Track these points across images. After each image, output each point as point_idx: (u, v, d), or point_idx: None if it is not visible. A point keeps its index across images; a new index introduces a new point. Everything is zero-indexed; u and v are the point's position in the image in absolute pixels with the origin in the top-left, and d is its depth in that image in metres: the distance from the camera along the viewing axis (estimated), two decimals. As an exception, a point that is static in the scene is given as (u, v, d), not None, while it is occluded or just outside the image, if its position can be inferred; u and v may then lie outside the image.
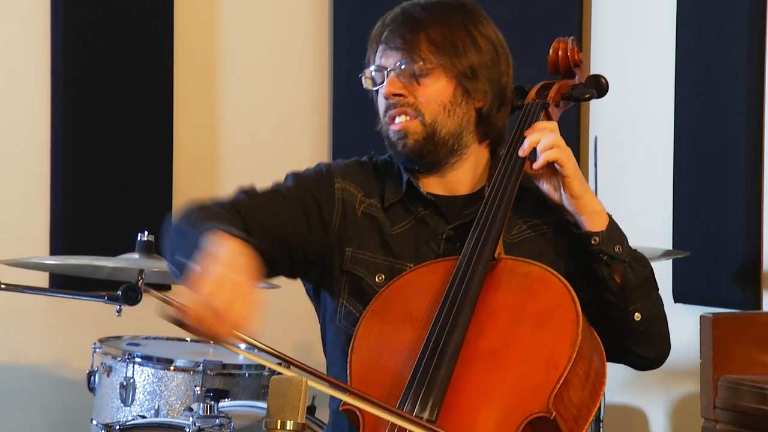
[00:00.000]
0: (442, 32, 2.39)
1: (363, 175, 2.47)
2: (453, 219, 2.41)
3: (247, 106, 4.44)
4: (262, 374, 3.41)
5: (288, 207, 2.39)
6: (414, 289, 2.29)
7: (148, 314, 3.81)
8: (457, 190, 2.44)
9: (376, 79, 2.43)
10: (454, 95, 2.39)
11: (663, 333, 2.40)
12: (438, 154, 2.41)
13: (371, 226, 2.41)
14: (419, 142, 2.39)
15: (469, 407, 2.14)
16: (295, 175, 2.46)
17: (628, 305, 2.34)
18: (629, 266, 2.34)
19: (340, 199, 2.42)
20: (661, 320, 2.39)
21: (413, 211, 2.42)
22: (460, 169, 2.44)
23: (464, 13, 2.43)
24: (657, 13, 4.13)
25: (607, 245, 2.32)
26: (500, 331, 2.20)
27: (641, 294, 2.35)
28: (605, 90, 2.49)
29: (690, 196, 4.00)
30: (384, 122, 2.43)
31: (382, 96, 2.42)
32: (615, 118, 4.26)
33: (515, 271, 2.27)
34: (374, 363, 2.23)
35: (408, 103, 2.39)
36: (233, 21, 4.40)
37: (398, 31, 2.39)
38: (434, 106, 2.39)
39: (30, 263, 3.53)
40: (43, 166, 4.12)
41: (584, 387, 2.16)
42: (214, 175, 4.39)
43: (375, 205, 2.43)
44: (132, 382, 3.38)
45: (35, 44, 4.12)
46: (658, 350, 2.41)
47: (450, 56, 2.38)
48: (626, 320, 2.34)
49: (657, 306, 2.38)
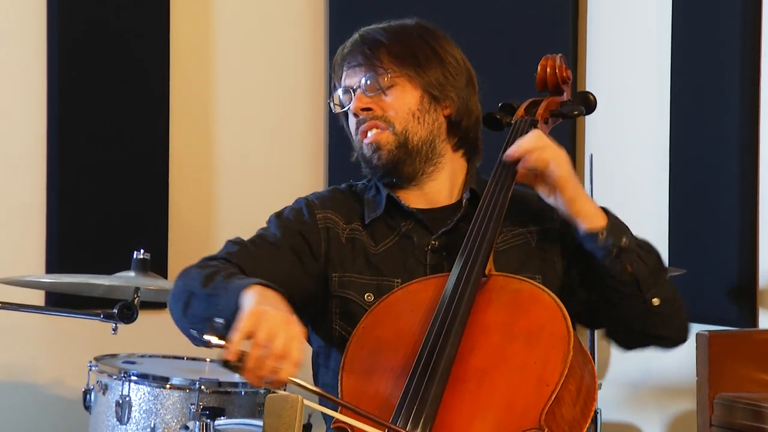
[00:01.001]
0: (403, 46, 2.43)
1: (342, 202, 2.48)
2: (436, 229, 2.42)
3: (243, 124, 4.44)
4: (258, 392, 3.40)
5: (281, 256, 2.39)
6: (404, 306, 2.30)
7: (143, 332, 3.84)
8: (438, 201, 2.46)
9: (344, 101, 2.46)
10: (421, 102, 2.42)
11: (682, 310, 2.43)
12: (414, 164, 2.43)
13: (355, 248, 2.43)
14: (393, 152, 2.41)
15: (461, 424, 2.14)
16: (278, 217, 2.46)
17: (646, 293, 2.36)
18: (638, 255, 2.36)
19: (324, 228, 2.44)
20: (677, 300, 2.42)
21: (395, 227, 2.43)
22: (437, 179, 2.46)
23: (423, 30, 2.47)
24: (651, 30, 4.14)
25: (614, 239, 2.33)
26: (491, 349, 2.20)
27: (655, 279, 2.37)
28: (593, 107, 2.51)
29: (685, 214, 4.00)
30: (356, 140, 2.46)
31: (351, 115, 2.45)
32: (610, 135, 4.27)
33: (505, 288, 2.28)
34: (365, 381, 2.23)
35: (377, 116, 2.42)
36: (228, 36, 4.40)
37: (359, 50, 2.44)
38: (403, 115, 2.41)
39: (25, 281, 3.53)
40: (39, 184, 4.12)
41: (576, 403, 2.17)
42: (210, 193, 4.39)
43: (356, 229, 2.45)
44: (128, 400, 3.37)
45: (30, 60, 4.12)
46: (683, 329, 2.44)
47: (413, 66, 2.42)
48: (646, 307, 2.37)
49: (671, 287, 2.41)
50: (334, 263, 2.42)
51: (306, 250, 2.41)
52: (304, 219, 2.45)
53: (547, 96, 2.52)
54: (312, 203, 2.48)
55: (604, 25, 4.32)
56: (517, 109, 2.51)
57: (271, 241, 2.41)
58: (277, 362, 2.03)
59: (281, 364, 2.03)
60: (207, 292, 2.25)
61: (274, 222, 2.46)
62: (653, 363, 4.03)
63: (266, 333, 2.03)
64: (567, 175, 2.34)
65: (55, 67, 4.12)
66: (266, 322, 2.04)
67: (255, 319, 2.05)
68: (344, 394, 2.22)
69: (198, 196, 4.36)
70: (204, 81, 4.39)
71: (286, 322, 2.06)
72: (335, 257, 2.42)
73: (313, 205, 2.47)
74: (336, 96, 2.48)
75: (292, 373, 2.04)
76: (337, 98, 2.48)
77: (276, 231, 2.43)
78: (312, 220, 2.44)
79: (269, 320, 2.04)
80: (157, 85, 4.26)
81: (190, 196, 4.34)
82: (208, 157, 4.39)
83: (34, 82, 4.12)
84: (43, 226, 4.13)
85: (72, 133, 4.15)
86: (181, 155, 4.31)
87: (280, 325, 2.05)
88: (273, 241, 2.41)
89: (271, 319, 2.05)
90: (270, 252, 2.39)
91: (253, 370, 2.03)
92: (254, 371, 2.03)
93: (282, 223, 2.45)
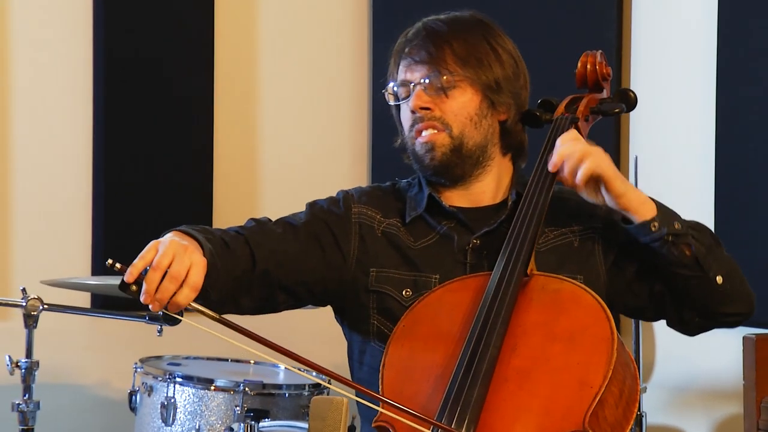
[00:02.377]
0: (466, 46, 2.41)
1: (382, 198, 2.49)
2: (478, 228, 2.41)
3: (287, 124, 4.45)
4: (302, 394, 3.41)
5: (299, 238, 2.41)
6: (445, 305, 2.30)
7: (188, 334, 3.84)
8: (481, 201, 2.46)
9: (400, 94, 2.45)
10: (480, 108, 2.41)
11: (745, 283, 2.44)
12: (464, 167, 2.43)
13: (392, 244, 2.43)
14: (447, 154, 2.40)
15: (504, 426, 2.14)
16: (311, 204, 2.49)
17: (708, 272, 2.36)
18: (693, 237, 2.36)
19: (356, 223, 2.44)
20: (738, 272, 2.43)
21: (436, 225, 2.43)
22: (483, 180, 2.46)
23: (484, 28, 2.45)
24: (696, 28, 4.11)
25: (668, 226, 2.34)
26: (533, 350, 2.20)
27: (714, 257, 2.37)
28: (634, 104, 2.49)
29: (731, 215, 3.97)
30: (409, 137, 2.44)
31: (407, 110, 2.44)
32: (655, 136, 4.24)
33: (546, 288, 2.27)
34: (406, 380, 2.23)
35: (435, 117, 2.41)
36: (272, 37, 4.41)
37: (423, 46, 2.41)
38: (461, 119, 2.40)
39: (71, 283, 3.55)
40: (85, 186, 4.15)
41: (618, 405, 2.16)
42: (254, 194, 4.40)
43: (395, 224, 2.45)
44: (173, 402, 3.39)
45: (77, 64, 4.14)
46: (748, 302, 2.45)
47: (475, 69, 2.40)
48: (711, 286, 2.37)
49: (730, 261, 2.42)
50: (370, 259, 2.42)
51: (330, 240, 2.42)
52: (336, 210, 2.46)
53: (586, 93, 2.50)
54: (350, 196, 2.49)
55: (649, 23, 4.29)
56: (556, 105, 2.49)
57: (292, 223, 2.43)
58: (173, 284, 2.11)
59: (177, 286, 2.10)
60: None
61: (306, 208, 2.48)
62: (699, 366, 4.00)
63: (163, 256, 2.11)
64: (611, 172, 2.33)
65: (101, 69, 4.15)
66: (165, 248, 2.13)
67: (154, 246, 2.15)
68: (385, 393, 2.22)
69: (242, 197, 4.38)
70: (248, 81, 4.41)
71: (184, 248, 2.14)
72: (370, 251, 2.42)
73: (350, 199, 2.48)
74: (391, 87, 2.46)
75: (189, 296, 2.12)
76: (391, 89, 2.46)
77: (303, 215, 2.46)
78: (346, 213, 2.45)
79: (168, 247, 2.13)
80: (202, 85, 4.28)
81: (234, 198, 4.35)
82: (251, 158, 4.40)
83: (81, 84, 4.15)
84: (89, 229, 4.15)
85: (117, 135, 4.18)
86: (226, 157, 4.33)
87: (177, 250, 2.13)
88: (295, 223, 2.43)
89: (171, 246, 2.13)
90: (287, 231, 2.41)
91: (150, 292, 2.11)
92: (151, 293, 2.11)
93: (312, 210, 2.47)
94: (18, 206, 4.08)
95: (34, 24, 4.09)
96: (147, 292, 2.11)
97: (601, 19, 4.27)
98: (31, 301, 3.22)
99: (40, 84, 4.12)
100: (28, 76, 4.10)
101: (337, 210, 2.46)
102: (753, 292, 2.46)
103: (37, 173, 4.11)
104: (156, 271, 2.11)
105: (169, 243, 2.14)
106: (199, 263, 2.14)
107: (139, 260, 2.13)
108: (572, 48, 3.94)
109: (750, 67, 3.91)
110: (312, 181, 4.42)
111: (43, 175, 4.12)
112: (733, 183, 3.98)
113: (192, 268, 2.13)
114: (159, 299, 2.12)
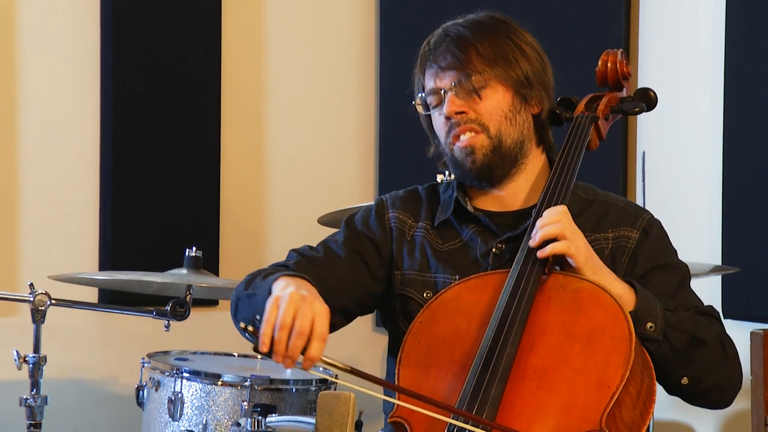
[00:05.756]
0: (491, 46, 2.40)
1: (414, 202, 2.49)
2: (502, 233, 2.41)
3: (294, 124, 4.45)
4: (309, 389, 3.41)
5: (343, 258, 2.42)
6: (462, 302, 2.29)
7: (195, 329, 3.85)
8: (511, 205, 2.45)
9: (431, 103, 2.43)
10: (512, 103, 2.40)
11: (723, 379, 2.32)
12: (504, 166, 2.42)
13: (420, 246, 2.43)
14: (488, 155, 2.39)
15: (522, 424, 2.13)
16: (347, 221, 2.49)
17: (670, 374, 2.28)
18: (661, 344, 2.26)
19: (391, 228, 2.45)
20: (715, 371, 2.31)
21: (463, 228, 2.43)
22: (517, 181, 2.45)
23: (505, 27, 2.45)
24: (705, 27, 4.10)
25: (639, 325, 2.23)
26: (551, 349, 2.19)
27: (682, 360, 2.28)
28: (654, 103, 2.48)
29: (739, 211, 3.97)
30: (446, 144, 2.42)
31: (440, 118, 2.42)
32: (663, 132, 4.23)
33: (565, 287, 2.25)
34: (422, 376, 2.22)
35: (471, 119, 2.39)
36: (279, 37, 4.41)
37: (448, 51, 2.40)
38: (497, 117, 2.39)
39: (79, 278, 3.55)
40: (92, 182, 4.15)
41: (635, 406, 2.15)
42: (261, 191, 4.40)
43: (424, 227, 2.45)
44: (180, 397, 3.39)
45: (85, 63, 4.15)
46: (720, 398, 2.34)
47: (503, 67, 2.39)
48: (674, 383, 2.30)
49: (705, 361, 2.30)
50: (398, 261, 2.43)
51: (372, 253, 2.43)
52: (371, 221, 2.47)
53: (606, 91, 2.50)
54: (383, 203, 2.50)
55: (657, 20, 4.29)
56: (576, 104, 2.49)
57: (333, 245, 2.44)
58: (301, 340, 2.08)
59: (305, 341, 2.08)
60: (248, 294, 2.32)
61: (343, 226, 2.49)
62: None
63: (286, 314, 2.08)
64: (581, 258, 2.25)
65: (109, 68, 4.15)
66: (286, 305, 2.09)
67: (275, 304, 2.11)
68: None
69: (249, 195, 4.38)
70: (255, 81, 4.41)
71: (304, 300, 2.11)
72: (400, 255, 2.44)
73: (383, 206, 2.49)
74: (420, 97, 2.45)
75: (320, 348, 2.08)
76: (421, 100, 2.45)
77: (341, 234, 2.46)
78: (380, 221, 2.46)
79: (289, 302, 2.09)
80: (209, 86, 4.28)
81: (241, 195, 4.35)
82: (258, 156, 4.41)
83: (89, 83, 4.15)
84: (96, 224, 4.15)
85: (125, 132, 4.18)
86: (233, 155, 4.33)
87: (299, 304, 2.10)
88: (335, 245, 2.44)
89: (291, 301, 2.10)
90: (329, 254, 2.42)
91: (281, 352, 2.08)
92: (282, 353, 2.08)
93: (348, 227, 2.48)
94: (26, 201, 4.08)
95: (42, 25, 4.09)
96: (276, 353, 2.09)
97: (610, 17, 4.26)
98: (38, 296, 3.23)
99: (49, 80, 4.12)
100: (38, 74, 4.10)
101: (371, 221, 2.47)
102: (737, 379, 2.33)
103: (45, 169, 4.11)
104: (282, 330, 2.08)
105: (289, 298, 2.11)
106: (322, 313, 2.11)
107: (265, 326, 2.10)
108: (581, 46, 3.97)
109: (758, 63, 3.91)
110: (319, 183, 4.42)
111: (51, 170, 4.12)
112: (740, 179, 3.97)
113: (316, 319, 2.10)
114: (290, 357, 2.09)
